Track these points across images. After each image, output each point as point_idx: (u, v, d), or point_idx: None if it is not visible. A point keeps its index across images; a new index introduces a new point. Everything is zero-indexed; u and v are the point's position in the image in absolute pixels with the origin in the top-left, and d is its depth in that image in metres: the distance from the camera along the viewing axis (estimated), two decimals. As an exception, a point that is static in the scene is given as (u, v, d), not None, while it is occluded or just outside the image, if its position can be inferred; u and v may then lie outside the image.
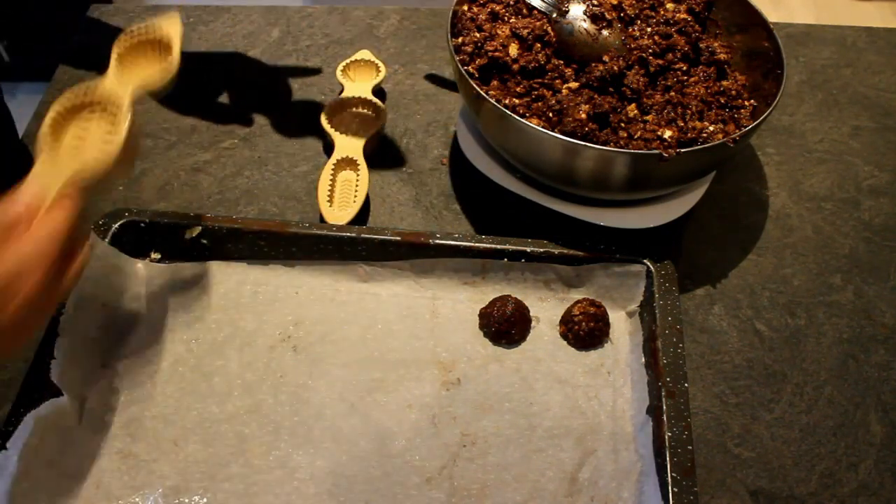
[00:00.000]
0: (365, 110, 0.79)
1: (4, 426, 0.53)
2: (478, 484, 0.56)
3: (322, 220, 0.69)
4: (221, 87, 0.84)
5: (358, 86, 0.81)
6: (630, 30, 0.68)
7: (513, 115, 0.61)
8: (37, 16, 1.74)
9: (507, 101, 0.65)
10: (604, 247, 0.64)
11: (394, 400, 0.60)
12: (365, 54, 0.84)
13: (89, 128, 0.51)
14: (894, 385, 0.63)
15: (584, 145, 0.59)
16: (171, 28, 0.55)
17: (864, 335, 0.66)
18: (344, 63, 0.83)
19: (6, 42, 1.83)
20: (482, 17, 0.70)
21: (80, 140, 0.50)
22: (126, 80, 0.53)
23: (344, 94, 0.79)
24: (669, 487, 0.52)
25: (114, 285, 0.63)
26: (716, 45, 0.69)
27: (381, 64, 0.83)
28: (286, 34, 0.90)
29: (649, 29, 0.68)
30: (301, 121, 0.80)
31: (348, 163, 0.74)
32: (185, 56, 0.54)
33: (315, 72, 0.86)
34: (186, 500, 0.54)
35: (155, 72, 0.54)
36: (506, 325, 0.62)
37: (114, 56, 0.54)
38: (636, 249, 0.64)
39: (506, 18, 0.70)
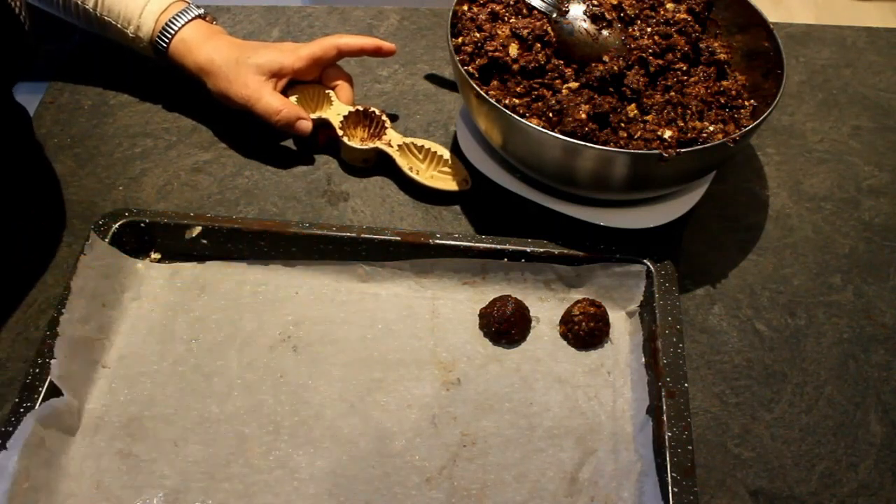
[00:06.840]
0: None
1: (4, 426, 0.53)
2: (478, 484, 0.56)
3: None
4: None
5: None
6: (630, 30, 0.68)
7: (513, 115, 0.61)
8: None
9: (507, 101, 0.65)
10: (604, 247, 0.64)
11: (394, 400, 0.60)
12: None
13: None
14: (894, 385, 0.63)
15: (584, 145, 0.59)
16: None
17: (864, 335, 0.66)
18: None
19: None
20: (482, 17, 0.70)
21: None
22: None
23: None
24: (669, 487, 0.52)
25: (114, 285, 0.63)
26: (716, 45, 0.69)
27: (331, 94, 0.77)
28: (286, 34, 0.90)
29: (649, 29, 0.68)
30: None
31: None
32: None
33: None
34: (186, 501, 0.54)
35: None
36: (506, 325, 0.62)
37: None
38: (636, 249, 0.64)
39: (506, 18, 0.70)
